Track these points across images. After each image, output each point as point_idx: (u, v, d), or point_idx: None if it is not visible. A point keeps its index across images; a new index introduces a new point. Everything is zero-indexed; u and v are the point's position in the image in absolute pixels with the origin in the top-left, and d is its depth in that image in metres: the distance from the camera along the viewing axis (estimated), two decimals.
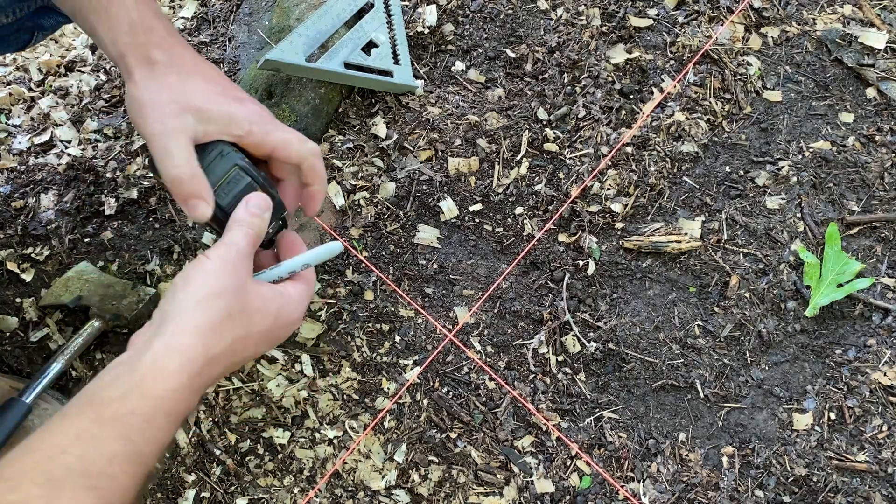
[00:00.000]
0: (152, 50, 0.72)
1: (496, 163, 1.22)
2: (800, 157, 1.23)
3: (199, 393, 0.62)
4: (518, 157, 1.22)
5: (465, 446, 1.08)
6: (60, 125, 1.27)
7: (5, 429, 0.93)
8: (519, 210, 1.20)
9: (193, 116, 0.71)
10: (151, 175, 0.78)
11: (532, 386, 1.11)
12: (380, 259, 1.17)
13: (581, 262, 1.16)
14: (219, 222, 0.73)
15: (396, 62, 1.25)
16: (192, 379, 0.60)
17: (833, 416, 1.09)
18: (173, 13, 1.38)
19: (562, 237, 1.18)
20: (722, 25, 1.30)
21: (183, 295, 0.62)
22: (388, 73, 1.23)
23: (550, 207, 1.19)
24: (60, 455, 0.53)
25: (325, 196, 0.80)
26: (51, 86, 1.33)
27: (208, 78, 0.74)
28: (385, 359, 1.12)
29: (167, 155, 0.70)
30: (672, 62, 1.28)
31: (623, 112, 1.24)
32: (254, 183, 0.73)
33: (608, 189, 1.19)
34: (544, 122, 1.25)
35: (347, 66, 1.20)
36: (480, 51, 1.32)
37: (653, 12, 1.32)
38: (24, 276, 1.14)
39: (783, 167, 1.22)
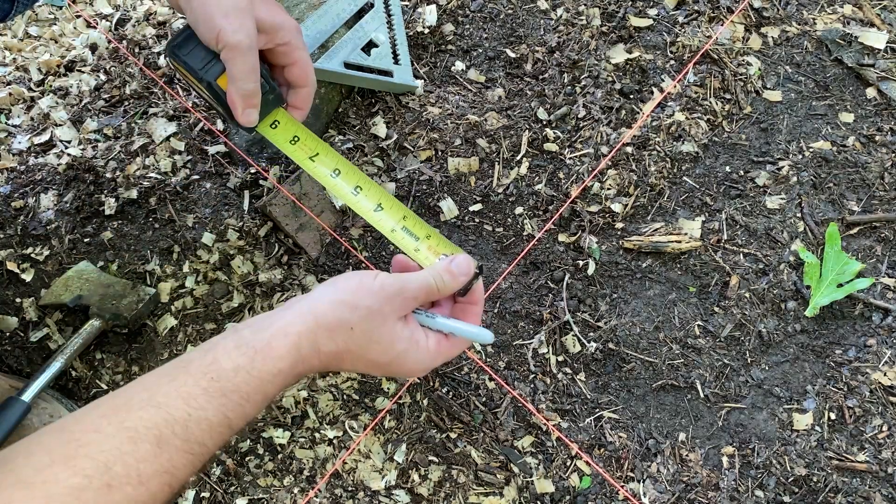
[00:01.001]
0: None
1: (496, 163, 1.22)
2: (800, 157, 1.23)
3: (298, 379, 0.65)
4: (518, 157, 1.22)
5: (465, 446, 1.08)
6: (60, 125, 1.27)
7: (5, 427, 0.93)
8: (519, 210, 1.20)
9: (258, 26, 0.76)
10: (172, 62, 0.80)
11: (532, 386, 1.11)
12: (380, 259, 1.17)
13: (581, 262, 1.16)
14: (230, 114, 0.80)
15: (396, 62, 1.25)
16: (294, 365, 0.62)
17: (833, 416, 1.09)
18: (173, 13, 1.38)
19: (562, 237, 1.18)
20: (722, 25, 1.30)
21: (329, 288, 0.66)
22: (388, 73, 1.23)
23: (550, 207, 1.19)
24: (172, 415, 0.57)
25: (311, 101, 0.87)
26: (51, 86, 1.33)
27: None
28: None
29: (251, 70, 0.75)
30: (672, 62, 1.28)
31: (623, 112, 1.24)
32: (275, 89, 0.81)
33: (608, 189, 1.19)
34: (544, 122, 1.25)
35: (347, 65, 1.20)
36: (480, 51, 1.32)
37: (653, 12, 1.32)
38: (24, 276, 1.14)
39: (783, 167, 1.22)
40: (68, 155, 1.24)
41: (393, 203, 0.85)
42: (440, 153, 1.21)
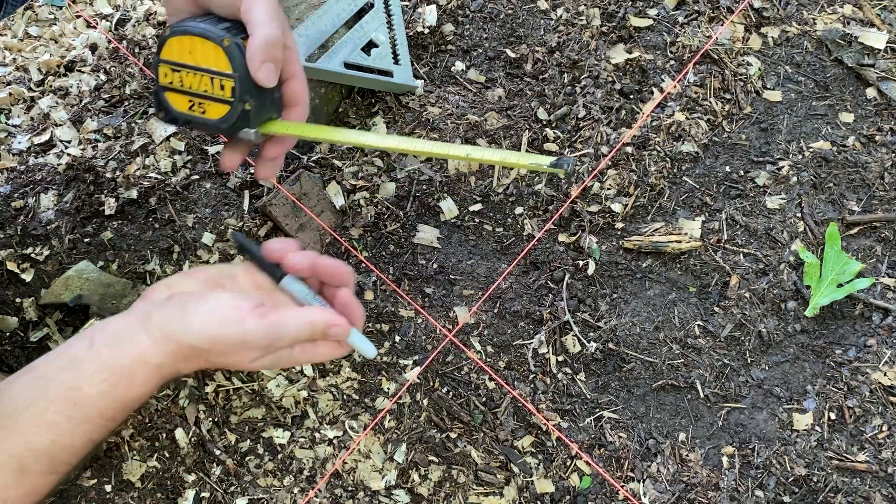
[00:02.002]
0: None
1: None
2: (800, 157, 1.23)
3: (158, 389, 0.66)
4: None
5: (465, 446, 1.08)
6: (60, 125, 1.27)
7: None
8: (519, 210, 1.20)
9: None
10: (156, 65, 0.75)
11: (532, 386, 1.11)
12: (380, 259, 1.17)
13: (581, 262, 1.16)
14: (249, 83, 0.71)
15: (396, 62, 1.25)
16: (154, 387, 0.64)
17: (833, 416, 1.09)
18: None
19: (562, 237, 1.18)
20: (722, 25, 1.30)
21: (187, 326, 0.62)
22: (388, 73, 1.23)
23: (550, 207, 1.19)
24: (33, 444, 0.58)
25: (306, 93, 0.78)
26: (51, 86, 1.33)
27: None
28: (385, 359, 1.12)
29: (276, 16, 0.68)
30: (672, 62, 1.28)
31: (623, 112, 1.24)
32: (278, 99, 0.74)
33: (608, 189, 1.19)
34: (544, 122, 1.25)
35: (347, 66, 1.20)
36: (480, 51, 1.32)
37: (653, 12, 1.32)
38: (24, 275, 1.14)
39: (783, 167, 1.22)
40: (68, 155, 1.24)
41: (444, 149, 0.74)
42: None
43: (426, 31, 1.32)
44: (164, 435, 1.07)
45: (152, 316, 0.63)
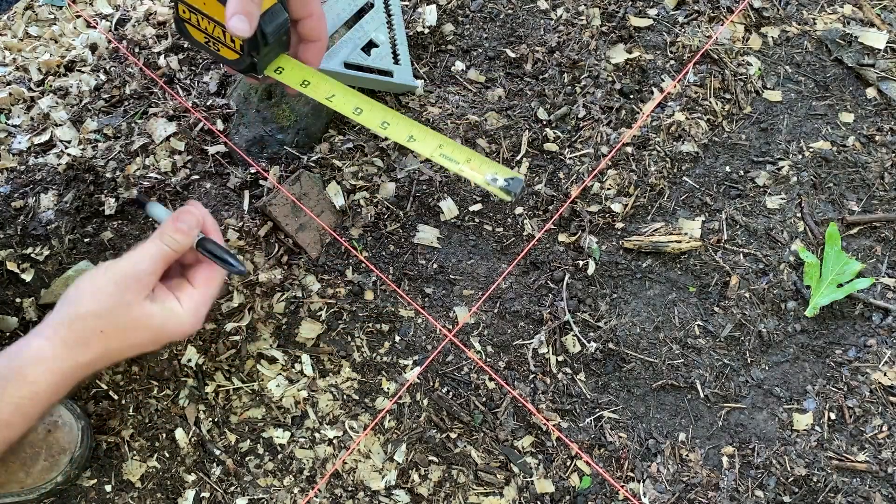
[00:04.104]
0: None
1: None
2: (800, 157, 1.23)
3: (68, 390, 0.66)
4: (518, 157, 1.22)
5: (465, 446, 1.08)
6: (60, 125, 1.27)
7: None
8: (519, 210, 1.20)
9: None
10: (174, 3, 0.82)
11: (532, 386, 1.11)
12: (380, 259, 1.17)
13: (581, 262, 1.16)
14: (253, 45, 0.80)
15: (396, 62, 1.25)
16: (52, 386, 0.64)
17: (833, 416, 1.09)
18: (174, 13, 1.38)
19: (562, 237, 1.18)
20: (722, 25, 1.30)
21: (68, 304, 0.67)
22: (388, 73, 1.23)
23: (550, 207, 1.19)
24: None
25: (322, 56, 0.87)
26: (51, 86, 1.33)
27: None
28: (385, 359, 1.12)
29: None
30: (672, 62, 1.28)
31: (623, 112, 1.24)
32: (289, 18, 0.81)
33: (608, 189, 1.19)
34: (544, 122, 1.25)
35: (347, 66, 1.20)
36: (480, 51, 1.32)
37: (653, 12, 1.32)
38: (23, 276, 1.14)
39: (783, 167, 1.22)
40: (68, 155, 1.24)
41: (425, 133, 0.82)
42: None
43: (426, 31, 1.32)
44: (164, 435, 1.07)
45: (45, 321, 0.66)
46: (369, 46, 1.23)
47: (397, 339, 1.13)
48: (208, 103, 1.27)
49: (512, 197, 0.78)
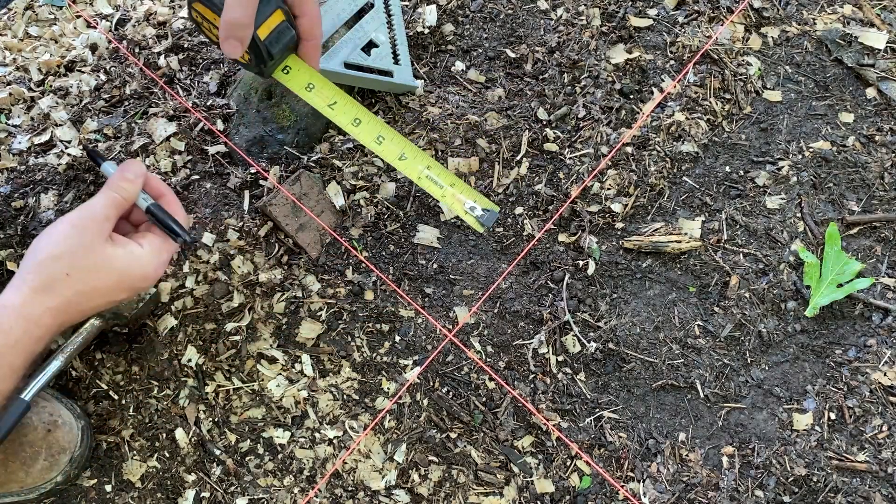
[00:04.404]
0: None
1: (496, 163, 1.22)
2: (800, 157, 1.23)
3: (46, 339, 0.68)
4: (518, 157, 1.22)
5: (465, 446, 1.08)
6: (60, 125, 1.27)
7: (5, 426, 0.93)
8: (519, 210, 1.20)
9: None
10: (191, 5, 0.86)
11: (532, 386, 1.11)
12: (380, 259, 1.17)
13: (581, 262, 1.16)
14: (258, 59, 0.85)
15: (396, 62, 1.25)
16: (28, 332, 0.66)
17: (833, 416, 1.09)
18: (173, 13, 1.38)
19: (562, 237, 1.18)
20: (722, 25, 1.30)
21: (30, 255, 0.70)
22: (388, 73, 1.23)
23: (550, 207, 1.19)
24: None
25: (319, 52, 0.91)
26: (51, 86, 1.33)
27: None
28: (385, 359, 1.12)
29: (245, 1, 0.78)
30: (672, 62, 1.28)
31: (623, 112, 1.24)
32: (295, 36, 0.85)
33: (608, 189, 1.19)
34: (544, 122, 1.25)
35: (347, 66, 1.20)
36: (480, 51, 1.32)
37: (653, 12, 1.32)
38: None
39: (783, 167, 1.22)
40: (68, 155, 1.24)
41: (416, 152, 0.86)
42: (440, 153, 1.21)
43: (426, 31, 1.32)
44: (164, 435, 1.07)
45: (12, 279, 0.69)
46: (369, 46, 1.23)
47: (397, 339, 1.13)
48: (208, 103, 1.27)
49: (484, 229, 0.83)
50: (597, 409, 1.11)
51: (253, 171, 1.21)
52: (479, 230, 0.87)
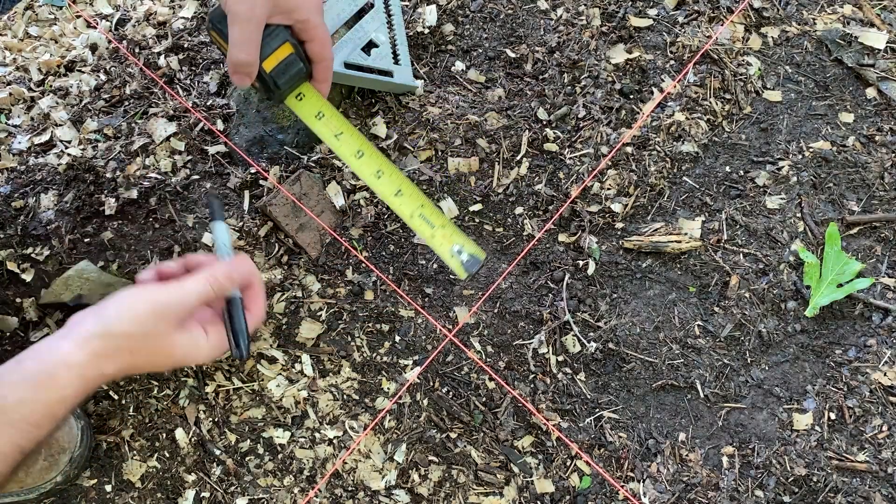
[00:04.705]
0: None
1: (496, 163, 1.22)
2: (800, 157, 1.23)
3: (88, 395, 0.69)
4: (518, 157, 1.22)
5: (465, 446, 1.08)
6: (60, 125, 1.27)
7: None
8: (519, 210, 1.20)
9: (271, 1, 0.81)
10: (209, 31, 0.88)
11: (532, 386, 1.11)
12: (380, 259, 1.17)
13: (581, 262, 1.16)
14: (267, 89, 0.87)
15: (396, 62, 1.25)
16: (79, 391, 0.67)
17: (833, 416, 1.09)
18: (173, 13, 1.38)
19: (562, 237, 1.18)
20: (722, 25, 1.30)
21: (100, 316, 0.68)
22: (388, 73, 1.23)
23: (550, 207, 1.19)
24: None
25: (331, 73, 0.92)
26: (51, 86, 1.33)
27: None
28: (385, 359, 1.12)
29: (246, 41, 0.81)
30: (672, 62, 1.28)
31: (623, 112, 1.24)
32: (304, 68, 0.87)
33: (608, 189, 1.19)
34: (544, 122, 1.25)
35: (347, 66, 1.20)
36: (480, 51, 1.32)
37: (653, 12, 1.32)
38: (24, 275, 1.14)
39: (783, 167, 1.22)
40: (68, 155, 1.24)
41: (413, 190, 0.87)
42: (440, 153, 1.21)
43: (426, 31, 1.32)
44: (164, 435, 1.07)
45: (72, 328, 0.68)
46: (369, 46, 1.23)
47: (397, 339, 1.13)
48: (208, 103, 1.27)
49: (466, 275, 0.85)
50: (597, 409, 1.11)
51: (253, 171, 1.21)
52: (462, 276, 0.88)
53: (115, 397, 1.08)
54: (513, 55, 1.30)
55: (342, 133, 0.89)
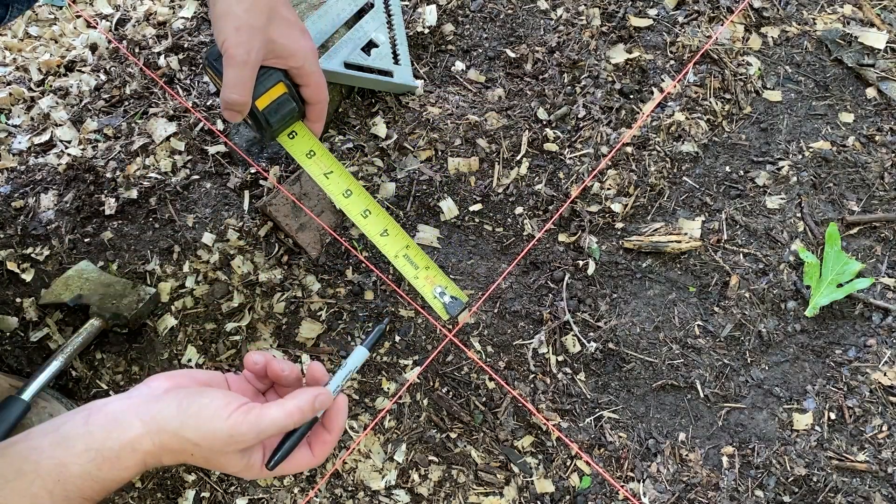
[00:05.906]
0: None
1: (496, 163, 1.22)
2: (800, 157, 1.23)
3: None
4: (518, 157, 1.22)
5: (465, 446, 1.08)
6: (60, 125, 1.27)
7: (5, 426, 0.94)
8: (519, 210, 1.20)
9: (267, 47, 0.85)
10: (205, 67, 0.90)
11: (532, 386, 1.11)
12: (380, 259, 1.17)
13: (581, 262, 1.16)
14: (259, 126, 0.89)
15: (396, 62, 1.25)
16: (134, 474, 0.67)
17: (833, 416, 1.09)
18: (173, 13, 1.38)
19: (562, 237, 1.18)
20: (722, 25, 1.30)
21: (181, 416, 0.66)
22: (388, 73, 1.23)
23: (550, 207, 1.19)
24: None
25: (325, 115, 0.96)
26: (51, 86, 1.33)
27: (283, 10, 0.88)
28: (385, 359, 1.12)
29: (240, 83, 0.84)
30: (672, 62, 1.28)
31: (623, 112, 1.24)
32: (297, 108, 0.90)
33: (608, 189, 1.19)
34: (544, 122, 1.25)
35: (347, 66, 1.20)
36: (480, 51, 1.32)
37: (653, 12, 1.32)
38: (24, 275, 1.14)
39: (783, 167, 1.22)
40: (68, 155, 1.24)
41: (398, 231, 0.91)
42: (440, 153, 1.22)
43: (426, 31, 1.32)
44: None
45: (150, 405, 0.67)
46: (369, 46, 1.23)
47: (397, 339, 1.13)
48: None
49: (448, 317, 0.87)
50: (597, 409, 1.11)
51: (253, 170, 1.21)
52: (444, 318, 0.89)
53: None
54: (513, 55, 1.30)
55: (332, 172, 0.93)
